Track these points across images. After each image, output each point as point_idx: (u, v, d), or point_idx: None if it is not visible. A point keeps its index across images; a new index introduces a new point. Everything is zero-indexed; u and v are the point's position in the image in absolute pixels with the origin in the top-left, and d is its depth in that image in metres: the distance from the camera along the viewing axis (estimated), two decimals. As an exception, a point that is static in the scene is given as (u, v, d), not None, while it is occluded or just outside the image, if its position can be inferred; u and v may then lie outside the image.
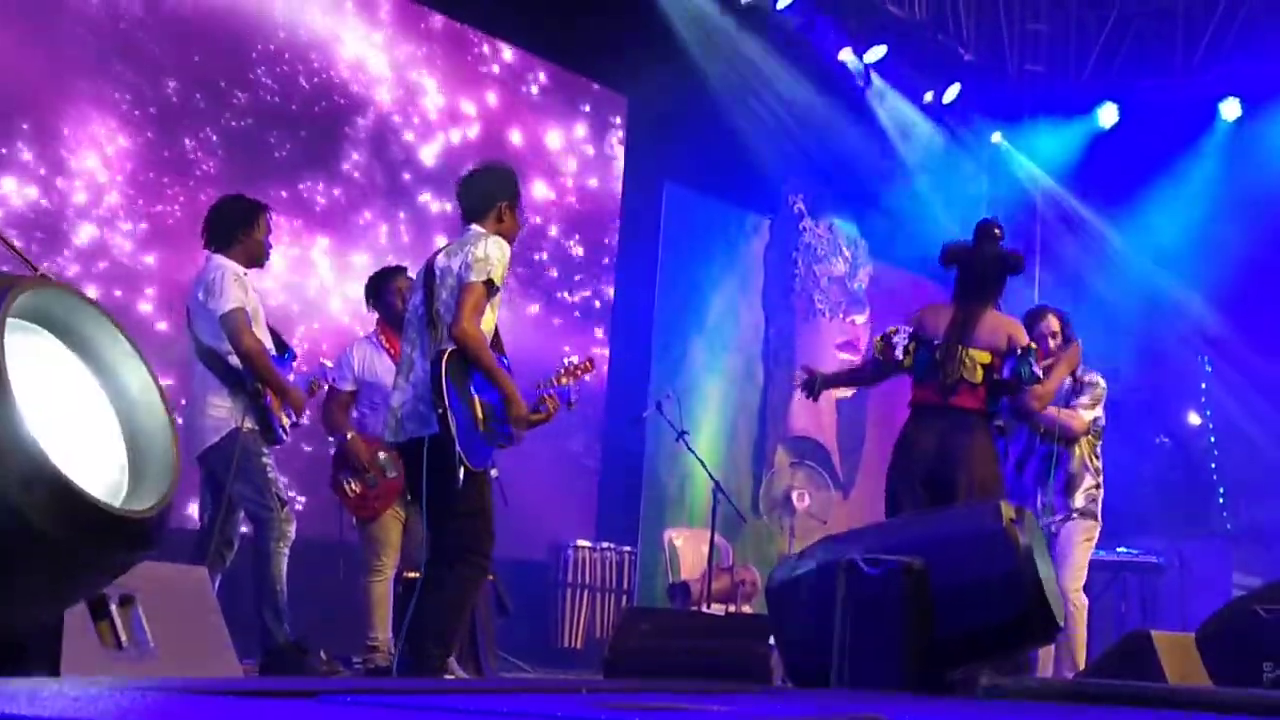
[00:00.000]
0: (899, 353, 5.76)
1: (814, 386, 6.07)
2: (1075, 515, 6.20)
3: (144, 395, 3.06)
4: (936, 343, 5.67)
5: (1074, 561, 6.19)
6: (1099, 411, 6.32)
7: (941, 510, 5.07)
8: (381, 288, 6.51)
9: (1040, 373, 5.63)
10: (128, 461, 3.03)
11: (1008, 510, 4.33)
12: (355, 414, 6.47)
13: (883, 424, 10.17)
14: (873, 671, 4.06)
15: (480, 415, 4.90)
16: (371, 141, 8.52)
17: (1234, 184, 10.88)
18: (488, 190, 5.14)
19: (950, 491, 5.50)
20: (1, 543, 2.57)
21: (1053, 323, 6.35)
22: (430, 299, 5.01)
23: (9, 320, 2.73)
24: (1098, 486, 6.28)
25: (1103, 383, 6.36)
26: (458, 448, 4.77)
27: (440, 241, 6.75)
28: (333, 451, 6.48)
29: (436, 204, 8.69)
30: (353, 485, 6.30)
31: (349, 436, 6.33)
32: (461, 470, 4.79)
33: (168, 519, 3.02)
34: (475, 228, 5.08)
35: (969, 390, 5.60)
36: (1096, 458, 6.30)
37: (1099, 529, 6.31)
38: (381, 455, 6.17)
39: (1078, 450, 6.25)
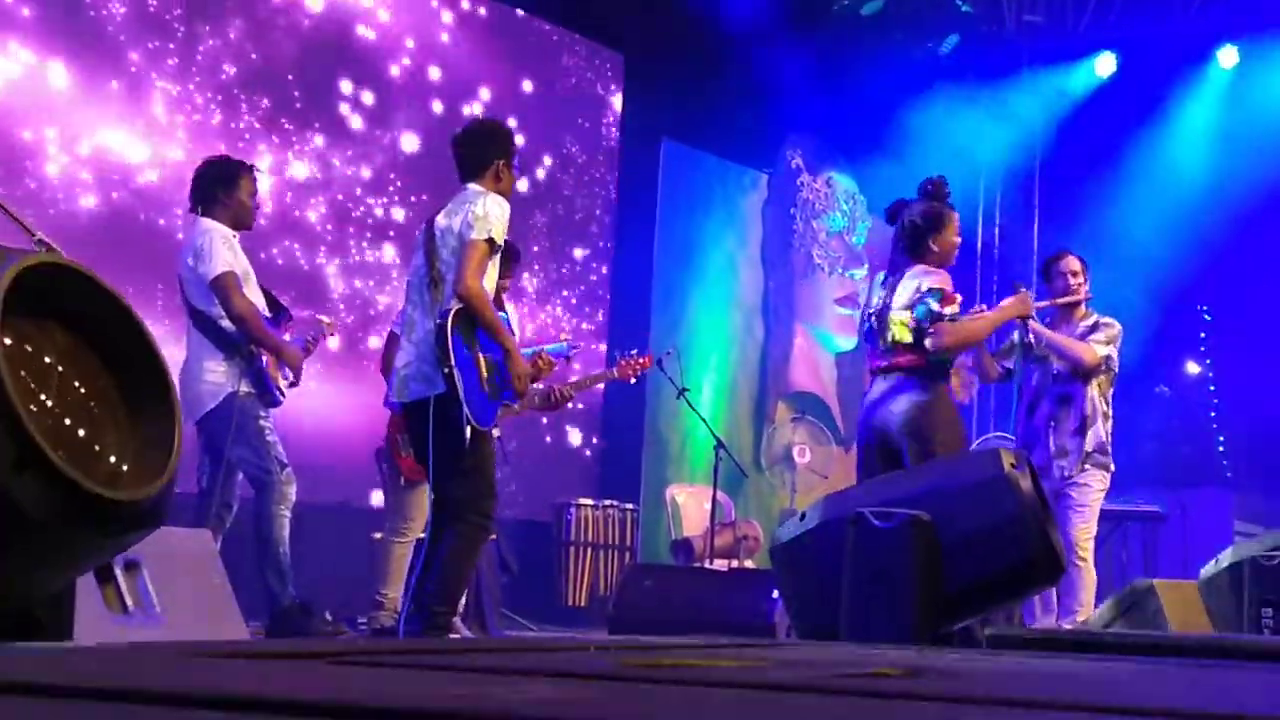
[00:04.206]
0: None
1: None
2: (1088, 465, 6.15)
3: (147, 374, 3.05)
4: (870, 312, 5.66)
5: (1087, 513, 6.16)
6: (1112, 350, 6.26)
7: (942, 461, 5.03)
8: None
9: (941, 310, 5.34)
10: (129, 441, 3.02)
11: (1008, 457, 4.34)
12: None
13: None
14: (883, 625, 4.07)
15: (485, 374, 4.90)
16: (374, 102, 8.48)
17: (1232, 131, 10.84)
18: (484, 148, 5.11)
19: (898, 462, 5.36)
20: None
21: (1072, 262, 6.42)
22: (432, 259, 4.99)
23: (7, 297, 2.71)
24: (1108, 433, 6.23)
25: (1117, 325, 6.34)
26: (465, 407, 4.77)
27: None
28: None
29: (431, 163, 8.64)
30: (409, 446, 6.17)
31: None
32: (468, 429, 4.80)
33: (171, 494, 3.01)
34: (473, 186, 5.06)
35: (904, 349, 5.51)
36: (1107, 402, 6.27)
37: (1109, 477, 6.28)
38: None
39: (1090, 390, 6.19)
